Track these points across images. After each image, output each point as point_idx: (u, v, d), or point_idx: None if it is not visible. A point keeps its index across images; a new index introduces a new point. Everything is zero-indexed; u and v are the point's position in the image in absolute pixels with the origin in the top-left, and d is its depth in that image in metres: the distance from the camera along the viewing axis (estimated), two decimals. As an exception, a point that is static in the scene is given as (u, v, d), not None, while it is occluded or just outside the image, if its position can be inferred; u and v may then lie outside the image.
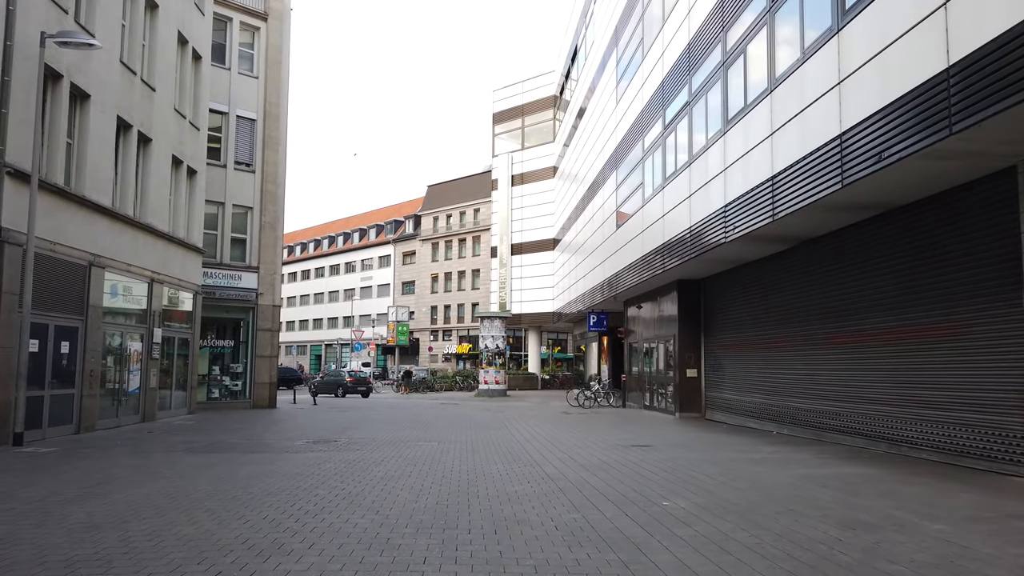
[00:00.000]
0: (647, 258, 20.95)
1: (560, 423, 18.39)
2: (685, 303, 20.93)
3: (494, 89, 48.06)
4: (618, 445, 12.83)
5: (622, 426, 17.69)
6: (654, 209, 20.16)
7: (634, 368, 26.58)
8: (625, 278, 23.88)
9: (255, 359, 24.48)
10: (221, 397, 24.16)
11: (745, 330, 17.61)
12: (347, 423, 17.93)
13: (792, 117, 11.70)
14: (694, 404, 20.63)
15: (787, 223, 12.51)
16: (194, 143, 20.28)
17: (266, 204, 25.03)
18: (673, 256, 18.34)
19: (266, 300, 24.82)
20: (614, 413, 22.86)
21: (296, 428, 16.59)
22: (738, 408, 18.04)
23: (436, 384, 42.93)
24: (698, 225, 16.30)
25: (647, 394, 24.50)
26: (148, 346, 17.46)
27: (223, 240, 24.06)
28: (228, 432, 15.22)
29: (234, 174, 24.42)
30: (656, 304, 23.40)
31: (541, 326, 46.79)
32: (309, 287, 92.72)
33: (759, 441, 13.73)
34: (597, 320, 31.71)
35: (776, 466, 10.00)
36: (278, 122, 25.55)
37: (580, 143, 33.79)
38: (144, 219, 17.22)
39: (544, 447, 12.51)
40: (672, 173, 18.52)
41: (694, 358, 20.75)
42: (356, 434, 14.88)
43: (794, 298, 14.96)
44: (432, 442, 13.28)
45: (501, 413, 22.67)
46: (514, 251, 45.63)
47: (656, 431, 16.19)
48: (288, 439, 13.81)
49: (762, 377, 16.69)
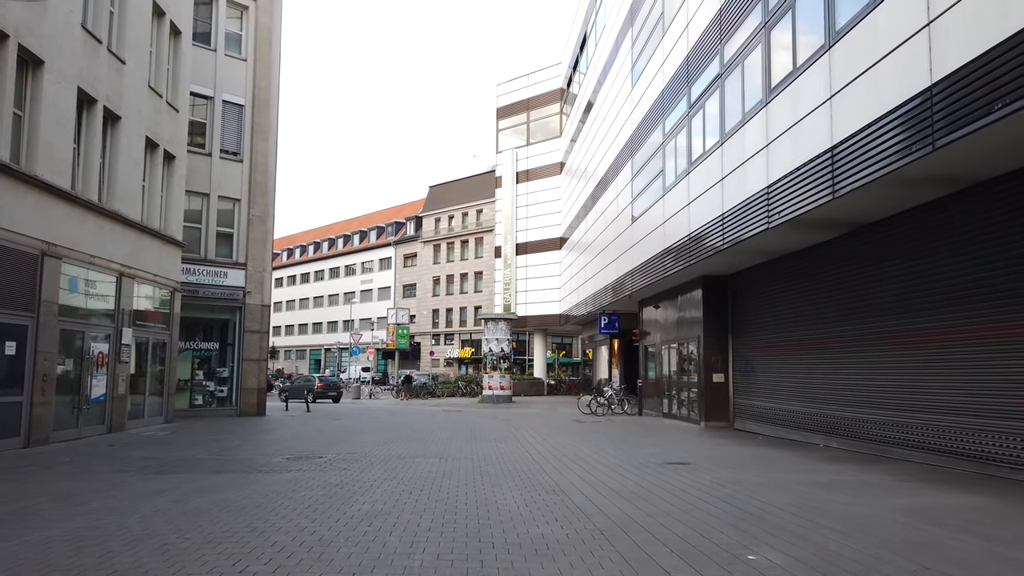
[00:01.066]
0: (668, 253, 19.10)
1: (575, 433, 16.53)
2: (710, 301, 19.07)
3: (498, 83, 46.31)
4: (650, 462, 10.97)
5: (645, 437, 15.82)
6: (677, 198, 18.31)
7: (650, 373, 24.69)
8: (641, 276, 22.02)
9: (242, 363, 22.64)
10: (205, 404, 22.30)
11: (783, 330, 15.74)
12: (339, 434, 16.09)
13: (867, 68, 9.83)
14: (721, 412, 18.75)
15: (849, 202, 10.65)
16: (172, 126, 18.47)
17: (255, 196, 23.23)
18: (699, 249, 16.48)
19: (254, 299, 23.00)
20: (631, 422, 20.98)
21: (280, 440, 14.75)
22: (774, 417, 16.16)
23: (438, 390, 41.05)
24: (733, 212, 14.45)
25: (666, 401, 22.62)
26: (116, 348, 15.63)
27: (208, 234, 22.25)
28: (200, 446, 13.37)
29: (220, 164, 22.63)
30: (676, 303, 21.54)
31: (547, 329, 44.90)
32: (308, 290, 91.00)
33: (811, 457, 11.85)
34: (609, 322, 29.84)
35: (856, 493, 8.12)
36: (268, 108, 23.77)
37: (590, 135, 31.98)
38: (111, 206, 15.41)
39: (564, 465, 10.65)
40: (699, 156, 16.69)
41: (721, 362, 18.88)
42: (346, 448, 13.02)
43: (847, 292, 13.09)
44: (432, 458, 11.43)
45: (508, 421, 20.81)
46: (519, 251, 43.79)
47: (686, 444, 14.31)
48: (267, 454, 11.96)
49: (805, 382, 14.82)
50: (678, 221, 18.22)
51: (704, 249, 16.23)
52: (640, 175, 22.40)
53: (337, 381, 39.46)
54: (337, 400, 35.52)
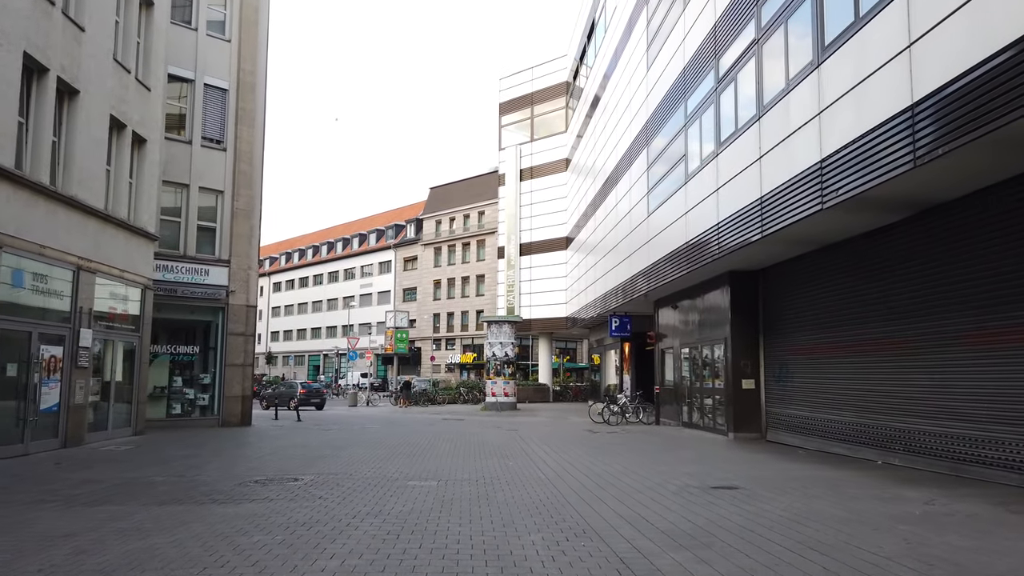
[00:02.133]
0: (690, 246, 17.27)
1: (592, 446, 14.67)
2: (739, 299, 17.23)
3: (501, 77, 44.56)
4: (690, 486, 9.12)
5: (672, 451, 13.95)
6: (702, 185, 16.50)
7: (667, 378, 22.84)
8: (658, 273, 20.18)
9: (225, 368, 20.80)
10: (184, 413, 20.45)
11: (828, 329, 13.89)
12: (325, 448, 14.24)
13: (957, 8, 8.00)
14: (752, 422, 16.89)
15: (935, 173, 8.82)
16: (143, 106, 16.68)
17: (239, 188, 21.43)
18: (729, 240, 14.65)
19: (238, 299, 21.17)
20: (650, 432, 19.10)
21: (257, 455, 12.90)
22: (815, 428, 14.30)
23: (438, 396, 39.16)
24: (774, 195, 12.61)
25: (686, 409, 20.75)
26: (72, 351, 13.80)
27: (187, 229, 20.44)
28: (161, 464, 11.53)
29: (201, 152, 20.84)
30: (698, 302, 19.69)
31: (553, 333, 43.04)
32: (307, 295, 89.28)
33: (878, 478, 9.98)
34: (620, 324, 28.01)
35: (975, 532, 6.27)
36: (254, 93, 21.99)
37: (599, 126, 30.19)
38: (67, 190, 13.60)
39: (588, 490, 8.81)
40: (730, 135, 14.88)
41: (751, 366, 17.03)
42: (329, 466, 11.17)
43: (914, 284, 11.25)
44: (429, 481, 9.58)
45: (515, 432, 18.96)
46: (523, 251, 41.95)
47: (721, 460, 12.44)
48: (234, 476, 10.11)
49: (855, 389, 12.97)
50: (703, 210, 16.40)
51: (735, 240, 14.39)
52: (657, 163, 20.58)
53: (320, 388, 37.56)
54: (320, 407, 33.64)
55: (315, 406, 33.17)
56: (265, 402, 31.48)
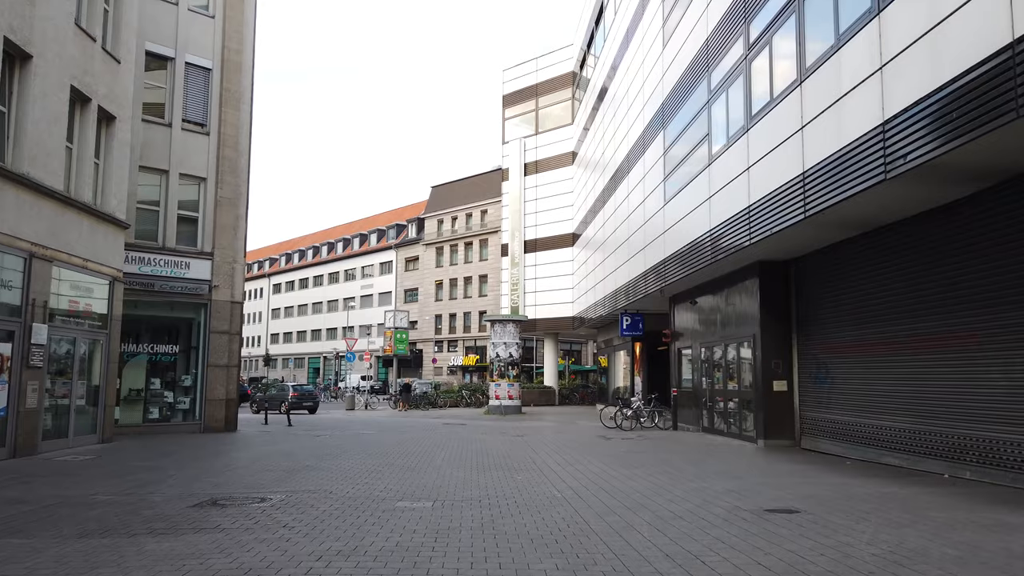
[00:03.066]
0: (715, 234, 15.68)
1: (610, 456, 13.05)
2: (769, 292, 15.62)
3: (504, 68, 42.99)
4: (740, 508, 7.51)
5: (701, 462, 12.32)
6: (730, 164, 14.91)
7: (684, 380, 21.22)
8: (676, 266, 18.58)
9: (207, 369, 19.23)
10: (163, 418, 18.88)
11: (875, 324, 12.28)
12: (309, 457, 12.64)
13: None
14: (784, 428, 15.27)
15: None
16: (111, 79, 15.13)
17: (224, 175, 19.87)
18: (765, 223, 13.05)
19: (222, 294, 19.60)
20: (669, 439, 17.48)
21: (229, 467, 11.31)
22: (862, 435, 12.67)
23: (439, 399, 37.55)
24: (821, 168, 10.99)
25: (707, 413, 19.12)
26: (23, 349, 12.23)
27: (167, 218, 18.89)
28: (115, 478, 9.96)
29: (182, 136, 19.29)
30: (721, 297, 18.08)
31: (558, 333, 41.41)
32: (307, 296, 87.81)
33: (960, 497, 8.35)
34: (631, 323, 26.39)
35: None
36: (240, 74, 20.44)
37: (608, 114, 28.60)
38: (18, 167, 12.05)
39: (617, 514, 7.21)
40: (764, 106, 13.27)
41: (783, 366, 15.41)
42: (307, 481, 9.58)
43: (985, 269, 9.64)
44: (423, 502, 7.98)
45: (521, 438, 17.36)
46: (527, 248, 40.34)
47: (760, 473, 10.83)
48: (192, 494, 8.52)
49: (912, 391, 11.35)
50: (731, 193, 14.80)
51: (770, 224, 12.77)
52: (675, 146, 18.98)
53: (313, 390, 35.95)
54: (313, 411, 32.10)
55: (307, 410, 31.62)
56: (255, 406, 29.94)
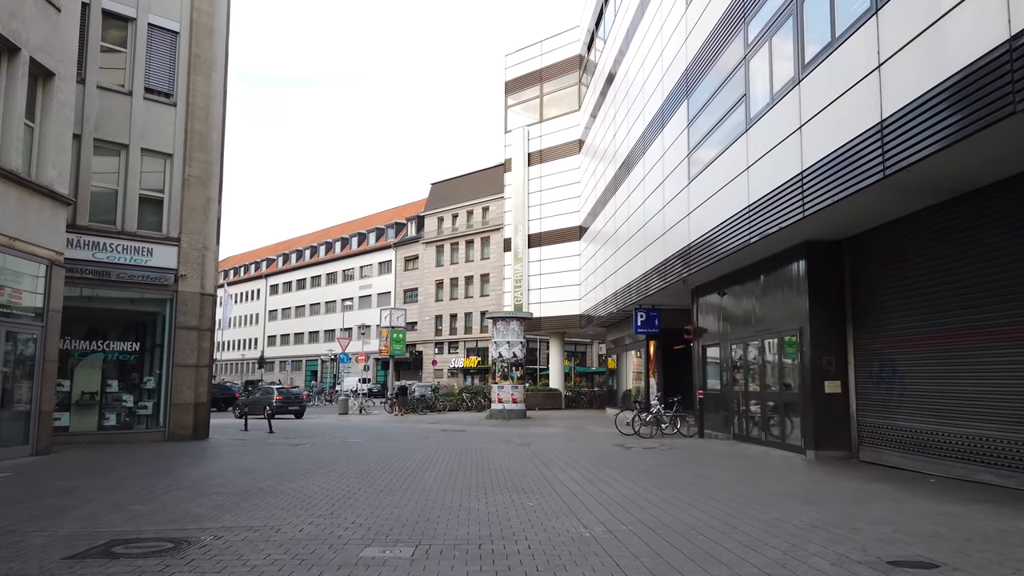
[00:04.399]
0: (753, 210, 13.43)
1: (637, 471, 10.79)
2: (818, 278, 13.36)
3: (506, 53, 40.78)
4: (848, 558, 5.26)
5: (753, 481, 10.05)
6: (774, 126, 12.66)
7: (711, 381, 18.95)
8: (704, 252, 16.34)
9: (173, 370, 17.00)
10: (122, 425, 16.65)
11: (959, 311, 10.02)
12: (272, 476, 10.39)
13: None
14: (838, 437, 12.99)
15: None
16: (47, 28, 12.90)
17: (192, 151, 17.67)
18: (824, 190, 10.80)
19: (191, 285, 17.38)
20: (698, 448, 15.22)
21: (166, 489, 9.05)
22: (945, 447, 10.41)
23: (438, 403, 35.27)
24: (911, 112, 8.72)
25: (739, 419, 16.85)
26: (-78, 343, 10.00)
27: (126, 198, 16.70)
28: (13, 506, 7.71)
29: (145, 107, 17.10)
30: (757, 285, 15.82)
31: (564, 333, 39.12)
32: (304, 297, 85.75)
33: None
34: (647, 319, 24.12)
35: None
36: (211, 38, 18.24)
37: (620, 94, 26.37)
38: (-86, 120, 9.83)
39: (677, 568, 4.96)
40: (824, 48, 11.01)
41: (836, 363, 13.13)
42: (255, 512, 7.33)
43: None
44: (400, 548, 5.73)
45: (528, 447, 15.12)
46: (531, 243, 38.06)
47: (836, 498, 8.55)
48: (96, 530, 6.28)
49: (1014, 392, 9.10)
50: (776, 159, 12.55)
51: (833, 191, 10.52)
52: (702, 116, 16.74)
53: (300, 393, 33.60)
54: (300, 415, 29.85)
55: (293, 414, 29.38)
56: (238, 410, 27.74)
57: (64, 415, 15.72)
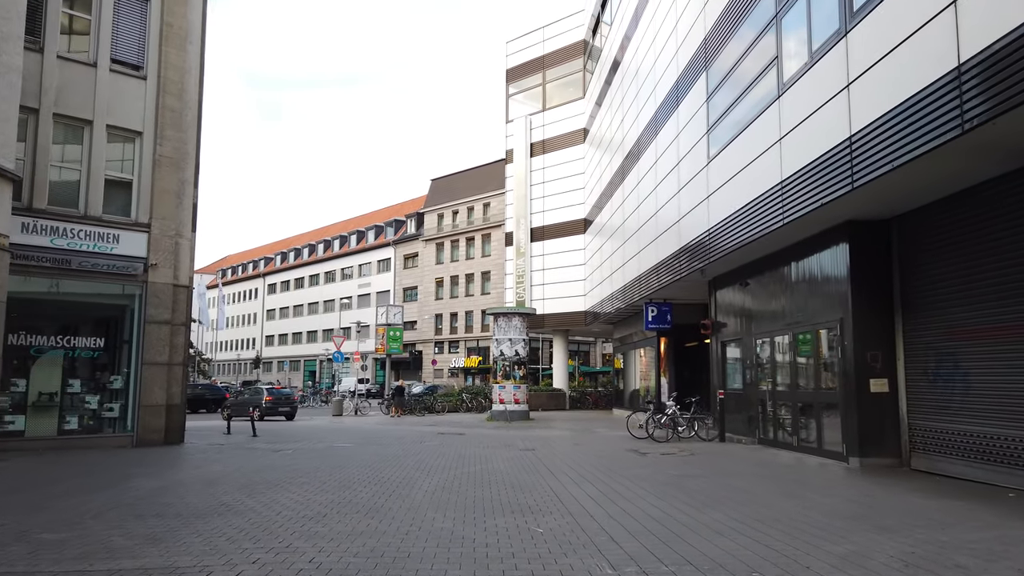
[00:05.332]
0: (788, 186, 11.89)
1: (663, 484, 9.24)
2: (863, 263, 11.80)
3: (507, 40, 39.20)
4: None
5: (803, 497, 8.48)
6: (814, 88, 11.11)
7: (733, 380, 17.40)
8: (725, 238, 14.80)
9: (143, 368, 15.48)
10: (85, 429, 15.12)
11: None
12: (236, 489, 8.86)
13: None
14: (885, 442, 11.43)
15: None
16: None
17: (165, 129, 16.16)
18: (881, 154, 9.24)
19: (162, 275, 15.86)
20: (722, 455, 13.66)
21: (102, 510, 7.51)
22: (1017, 454, 8.86)
23: (437, 404, 33.72)
24: (1004, 50, 7.18)
25: (765, 422, 15.30)
26: None
27: (89, 180, 15.19)
28: None
29: (111, 79, 15.60)
30: (788, 272, 14.26)
31: (568, 330, 37.55)
32: (302, 296, 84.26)
33: None
34: (658, 314, 22.58)
35: None
36: (187, 6, 16.72)
37: (628, 75, 24.81)
38: None
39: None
40: (876, -8, 9.46)
41: (883, 359, 11.57)
42: (194, 543, 5.79)
43: None
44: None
45: (532, 452, 13.59)
46: (534, 236, 36.50)
47: (908, 518, 6.99)
48: None
49: None
50: (815, 127, 11.00)
51: (893, 154, 8.96)
52: (724, 87, 15.19)
53: (291, 394, 32.08)
54: (291, 417, 28.36)
55: (284, 416, 27.85)
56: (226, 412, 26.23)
57: (19, 418, 14.25)
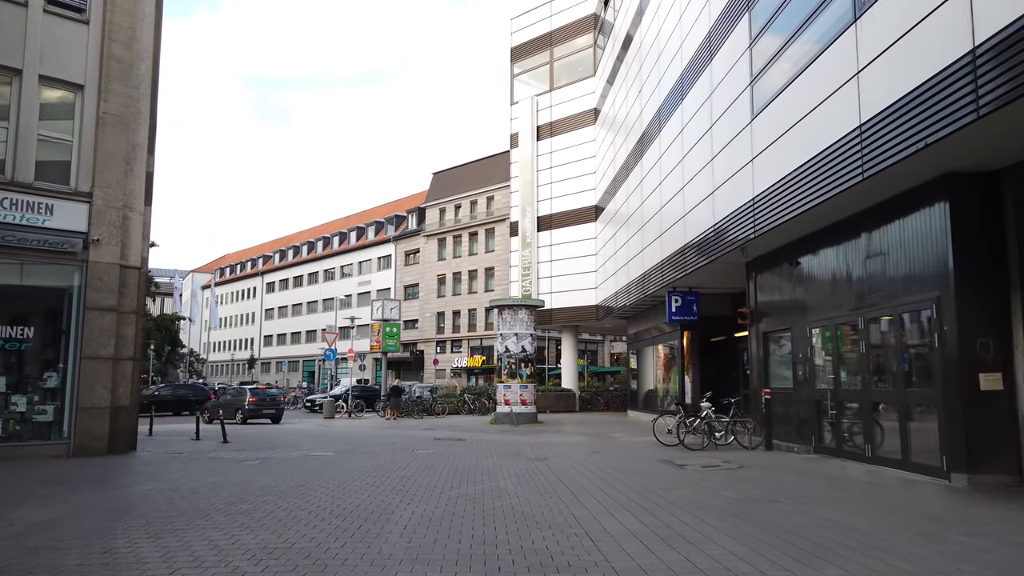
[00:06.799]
0: (867, 133, 9.39)
1: (721, 512, 6.73)
2: (966, 226, 9.27)
3: (512, 17, 36.71)
4: None
5: (927, 536, 5.94)
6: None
7: (780, 377, 14.87)
8: (780, 202, 12.29)
9: (83, 363, 13.02)
10: (8, 435, 12.65)
11: None
12: (153, 521, 6.42)
13: None
14: (999, 454, 8.91)
15: None
16: None
17: (110, 82, 13.71)
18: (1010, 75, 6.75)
19: (107, 254, 13.41)
20: (778, 468, 11.13)
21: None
22: None
23: (436, 405, 31.23)
24: None
25: (825, 427, 12.76)
26: None
27: (18, 139, 12.76)
28: None
29: (46, 21, 13.17)
30: (858, 244, 11.69)
31: (578, 326, 35.03)
32: (301, 295, 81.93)
33: None
34: (682, 304, 20.09)
35: None
36: (138, -60, 14.30)
37: (649, 36, 22.29)
38: None
39: None
40: None
41: (996, 348, 9.06)
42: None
43: None
44: None
45: (546, 464, 11.10)
46: (541, 225, 33.97)
47: None
48: None
49: None
50: (915, 47, 8.49)
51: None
52: (774, 25, 12.68)
53: (277, 395, 29.74)
54: (276, 420, 26.00)
55: (269, 418, 25.43)
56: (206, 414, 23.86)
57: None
